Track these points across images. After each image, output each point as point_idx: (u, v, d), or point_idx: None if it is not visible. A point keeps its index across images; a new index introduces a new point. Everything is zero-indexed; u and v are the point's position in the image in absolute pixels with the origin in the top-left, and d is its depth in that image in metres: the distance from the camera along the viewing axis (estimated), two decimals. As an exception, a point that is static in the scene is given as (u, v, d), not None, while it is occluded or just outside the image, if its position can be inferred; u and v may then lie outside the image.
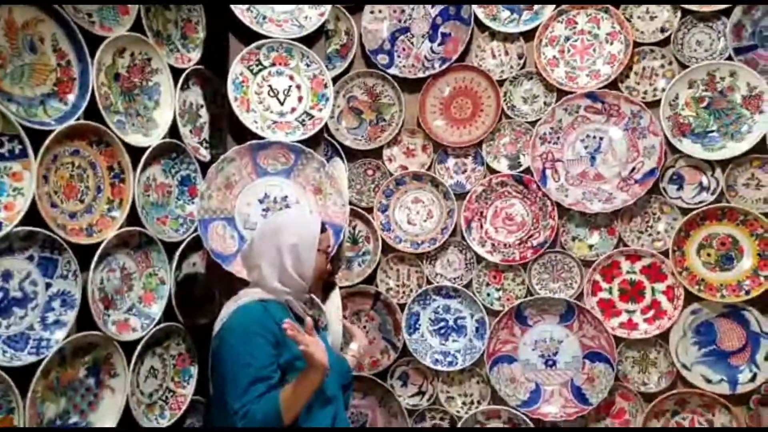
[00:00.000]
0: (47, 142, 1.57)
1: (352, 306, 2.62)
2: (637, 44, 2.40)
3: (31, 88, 1.59)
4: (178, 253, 2.06)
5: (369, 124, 2.70)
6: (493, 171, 2.57)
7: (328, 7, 2.11)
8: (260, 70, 2.05)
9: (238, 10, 1.99)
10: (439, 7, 2.63)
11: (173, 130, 2.08)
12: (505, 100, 2.54)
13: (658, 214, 2.39)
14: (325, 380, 1.44)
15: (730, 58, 2.30)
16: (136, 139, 1.88)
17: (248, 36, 2.09)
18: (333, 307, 1.91)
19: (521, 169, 2.53)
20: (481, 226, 2.56)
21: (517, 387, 2.47)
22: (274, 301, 1.55)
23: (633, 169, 2.40)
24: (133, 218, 1.87)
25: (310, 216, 1.89)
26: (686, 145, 2.33)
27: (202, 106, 2.31)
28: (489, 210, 2.56)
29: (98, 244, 1.72)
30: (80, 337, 1.64)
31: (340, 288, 2.25)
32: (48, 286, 1.60)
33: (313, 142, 2.11)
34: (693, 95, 2.34)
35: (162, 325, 1.96)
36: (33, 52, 1.60)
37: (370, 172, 2.71)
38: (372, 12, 2.66)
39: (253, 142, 1.98)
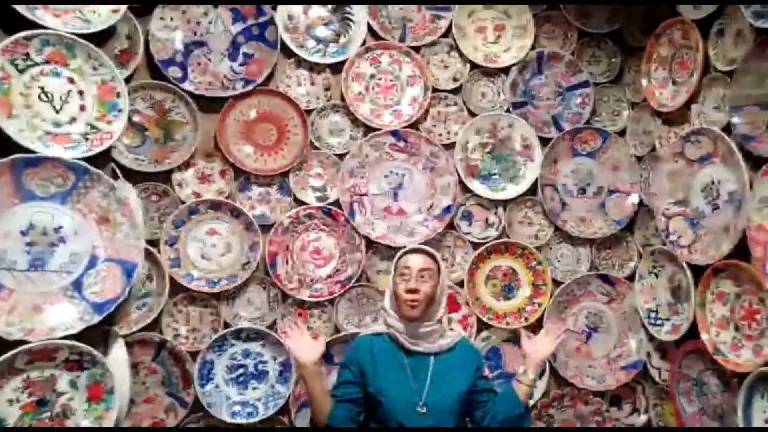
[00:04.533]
0: None
1: (130, 358, 2.18)
2: (434, 90, 2.56)
3: None
4: None
5: (155, 143, 2.34)
6: (299, 202, 2.45)
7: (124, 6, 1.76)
8: (28, 67, 1.59)
9: (2, -15, 1.52)
10: (240, 25, 2.44)
11: None
12: (312, 131, 2.46)
13: (453, 248, 2.55)
14: (310, 380, 1.88)
15: (508, 110, 2.61)
16: None
17: (8, 22, 1.62)
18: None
19: (329, 201, 2.46)
20: (287, 261, 2.40)
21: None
22: (385, 333, 1.97)
23: (431, 205, 2.52)
24: None
25: None
26: (476, 186, 2.55)
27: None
28: (296, 243, 2.42)
29: None
30: None
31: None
32: None
33: (99, 161, 1.71)
34: (480, 141, 2.59)
35: None
36: None
37: (155, 198, 2.34)
38: (162, 18, 2.34)
39: (18, 156, 1.52)
